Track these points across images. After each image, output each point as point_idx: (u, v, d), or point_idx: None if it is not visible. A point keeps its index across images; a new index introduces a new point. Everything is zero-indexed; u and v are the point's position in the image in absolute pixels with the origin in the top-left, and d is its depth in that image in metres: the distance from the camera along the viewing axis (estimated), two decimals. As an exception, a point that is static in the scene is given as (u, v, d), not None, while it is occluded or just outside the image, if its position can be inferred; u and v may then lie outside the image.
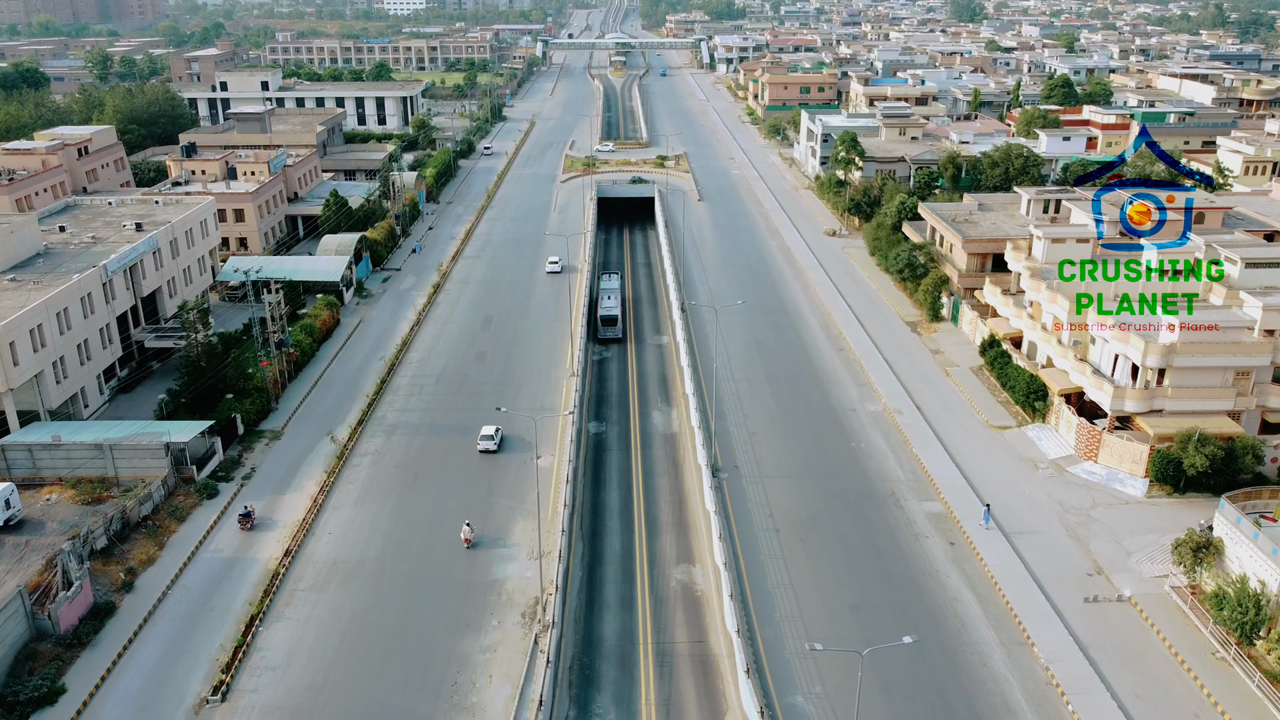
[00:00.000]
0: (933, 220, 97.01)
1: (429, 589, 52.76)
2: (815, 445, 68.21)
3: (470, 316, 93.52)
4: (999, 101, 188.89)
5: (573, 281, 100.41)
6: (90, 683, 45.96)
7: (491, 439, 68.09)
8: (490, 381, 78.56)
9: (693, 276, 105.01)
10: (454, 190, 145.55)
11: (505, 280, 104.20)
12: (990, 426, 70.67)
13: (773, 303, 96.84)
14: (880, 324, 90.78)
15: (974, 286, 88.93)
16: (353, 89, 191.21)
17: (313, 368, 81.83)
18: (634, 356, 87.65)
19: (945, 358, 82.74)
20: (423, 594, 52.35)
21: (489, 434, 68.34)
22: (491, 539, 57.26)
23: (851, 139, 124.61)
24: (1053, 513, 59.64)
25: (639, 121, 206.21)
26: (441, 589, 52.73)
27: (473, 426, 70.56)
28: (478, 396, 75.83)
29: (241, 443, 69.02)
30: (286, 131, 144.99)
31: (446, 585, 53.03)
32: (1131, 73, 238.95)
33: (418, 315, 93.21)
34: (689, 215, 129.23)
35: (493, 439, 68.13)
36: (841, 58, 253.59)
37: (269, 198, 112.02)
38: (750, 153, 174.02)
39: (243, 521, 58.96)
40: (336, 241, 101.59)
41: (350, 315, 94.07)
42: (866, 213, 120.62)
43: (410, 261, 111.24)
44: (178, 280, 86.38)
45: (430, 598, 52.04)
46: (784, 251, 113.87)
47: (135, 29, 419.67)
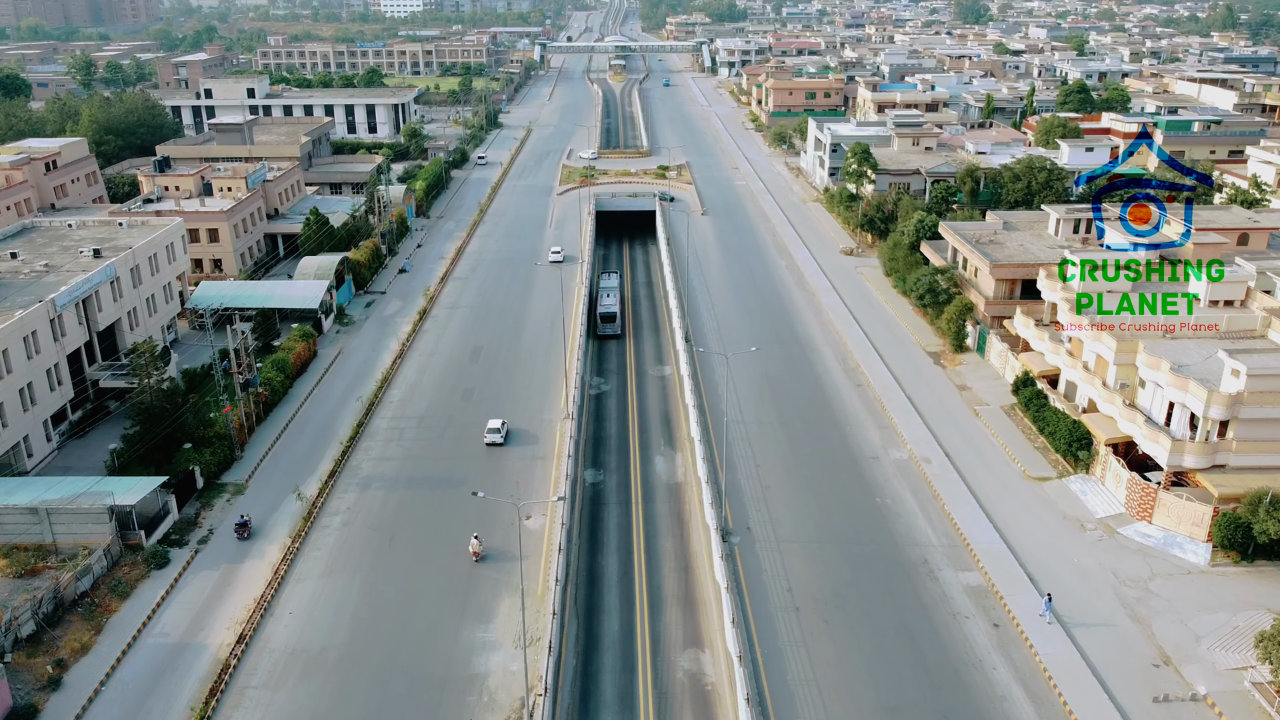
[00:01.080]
0: (954, 241, 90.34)
1: (399, 686, 45.98)
2: (836, 502, 61.45)
3: (458, 347, 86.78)
4: (1012, 108, 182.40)
5: (568, 312, 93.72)
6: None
7: (498, 432, 69.80)
8: (477, 424, 71.75)
9: (697, 301, 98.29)
10: (445, 203, 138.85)
11: (496, 305, 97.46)
12: (1028, 478, 63.91)
13: (784, 331, 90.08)
14: (900, 355, 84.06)
15: (1002, 315, 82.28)
16: (342, 96, 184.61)
17: (285, 407, 75.11)
18: (635, 389, 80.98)
19: (973, 395, 75.99)
20: (392, 693, 45.57)
21: (495, 427, 70.06)
22: (474, 617, 50.53)
23: (864, 151, 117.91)
24: (1107, 585, 52.87)
25: (639, 128, 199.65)
26: (414, 686, 45.95)
27: (455, 479, 63.98)
28: (462, 443, 69.08)
29: (200, 498, 62.29)
30: (270, 143, 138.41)
31: (420, 682, 46.24)
32: (1145, 76, 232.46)
33: (401, 346, 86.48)
34: (692, 230, 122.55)
35: (499, 432, 69.83)
36: (847, 61, 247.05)
37: (246, 215, 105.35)
38: (755, 162, 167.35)
39: (239, 530, 58.09)
40: (316, 264, 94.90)
41: (329, 345, 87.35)
42: (880, 229, 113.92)
43: (397, 283, 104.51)
44: (140, 311, 79.64)
45: (400, 697, 45.27)
46: (794, 272, 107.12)
47: (128, 32, 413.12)
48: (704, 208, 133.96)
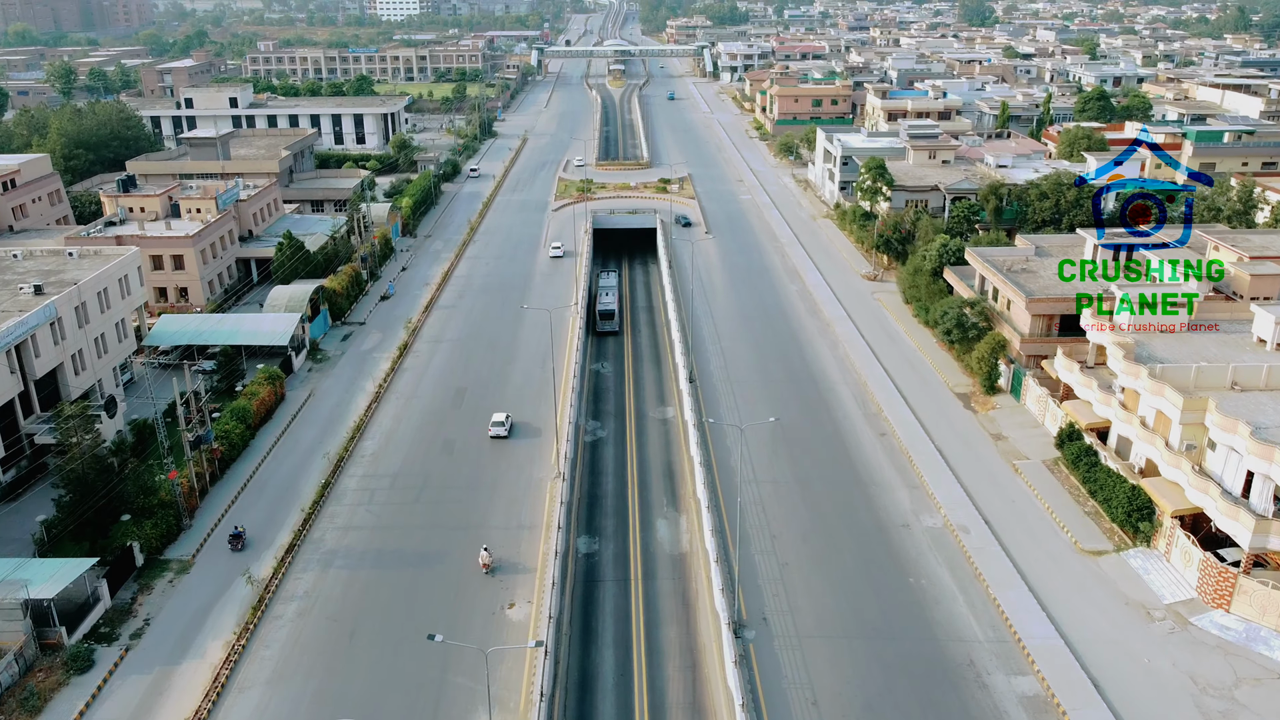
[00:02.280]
0: (982, 269, 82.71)
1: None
2: (864, 584, 53.77)
3: (440, 388, 79.12)
4: (1028, 116, 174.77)
5: (560, 353, 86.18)
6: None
7: (502, 425, 70.25)
8: (457, 484, 64.19)
9: (702, 332, 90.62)
10: (434, 221, 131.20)
11: (484, 338, 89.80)
12: (1081, 551, 56.23)
13: (797, 367, 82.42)
14: (926, 397, 76.39)
15: (1039, 354, 74.64)
16: (329, 105, 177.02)
17: (245, 462, 67.44)
18: (634, 435, 73.42)
19: (1010, 446, 68.29)
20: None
21: (499, 420, 70.77)
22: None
23: (879, 166, 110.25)
24: (1185, 695, 45.20)
25: (639, 137, 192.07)
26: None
27: (429, 553, 56.42)
28: (440, 507, 61.45)
29: (139, 578, 54.70)
30: (248, 157, 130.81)
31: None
32: (1161, 81, 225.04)
33: (378, 388, 78.81)
34: (695, 250, 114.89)
35: (503, 425, 70.26)
36: (853, 67, 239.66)
37: (216, 239, 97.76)
38: (760, 173, 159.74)
39: (233, 542, 56.77)
40: (287, 294, 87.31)
41: (300, 386, 79.70)
42: (898, 251, 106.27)
43: (378, 312, 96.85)
44: (87, 353, 71.95)
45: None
46: (806, 299, 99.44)
47: (118, 37, 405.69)
48: (708, 225, 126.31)
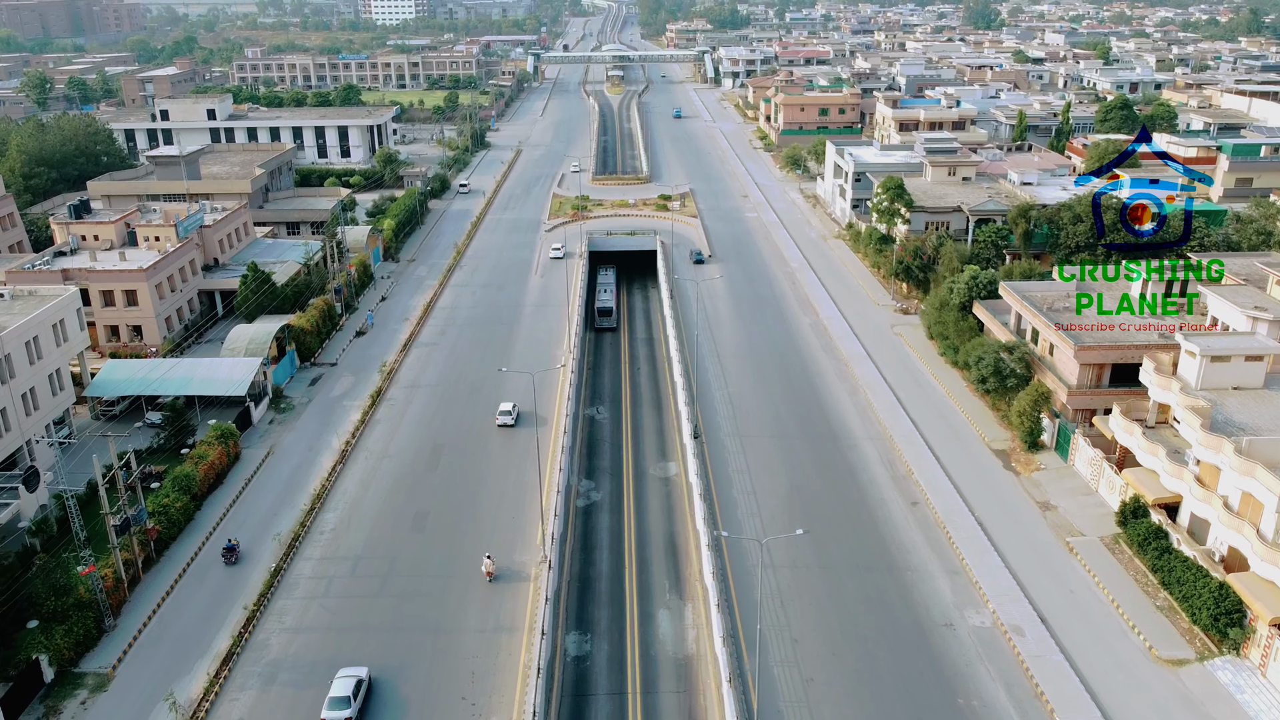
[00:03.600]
0: (1020, 307, 74.29)
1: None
2: (904, 705, 45.26)
3: (415, 445, 70.62)
4: (1046, 125, 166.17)
5: (550, 399, 77.78)
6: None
7: (509, 414, 72.14)
8: (428, 570, 55.77)
9: (707, 374, 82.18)
10: (419, 243, 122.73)
11: (467, 381, 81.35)
12: (1158, 660, 47.76)
13: (814, 418, 73.91)
14: (960, 455, 67.93)
15: (1089, 408, 66.26)
16: (313, 116, 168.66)
17: (188, 540, 59.01)
18: (632, 498, 65.13)
19: (1061, 518, 59.82)
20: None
21: (506, 409, 72.62)
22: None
23: (898, 186, 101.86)
24: None
25: (637, 148, 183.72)
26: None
27: (391, 665, 47.92)
28: (407, 602, 52.97)
29: (47, 699, 46.28)
30: (220, 175, 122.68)
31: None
32: (1180, 87, 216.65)
33: (345, 444, 70.32)
34: (699, 278, 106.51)
35: (510, 414, 72.14)
36: (860, 73, 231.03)
37: (175, 271, 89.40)
38: (766, 188, 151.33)
39: (227, 555, 55.77)
40: (249, 335, 78.90)
41: (258, 443, 71.24)
42: (918, 278, 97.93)
43: (352, 350, 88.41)
44: (13, 411, 63.51)
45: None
46: (820, 333, 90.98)
47: (106, 43, 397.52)
48: (711, 248, 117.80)
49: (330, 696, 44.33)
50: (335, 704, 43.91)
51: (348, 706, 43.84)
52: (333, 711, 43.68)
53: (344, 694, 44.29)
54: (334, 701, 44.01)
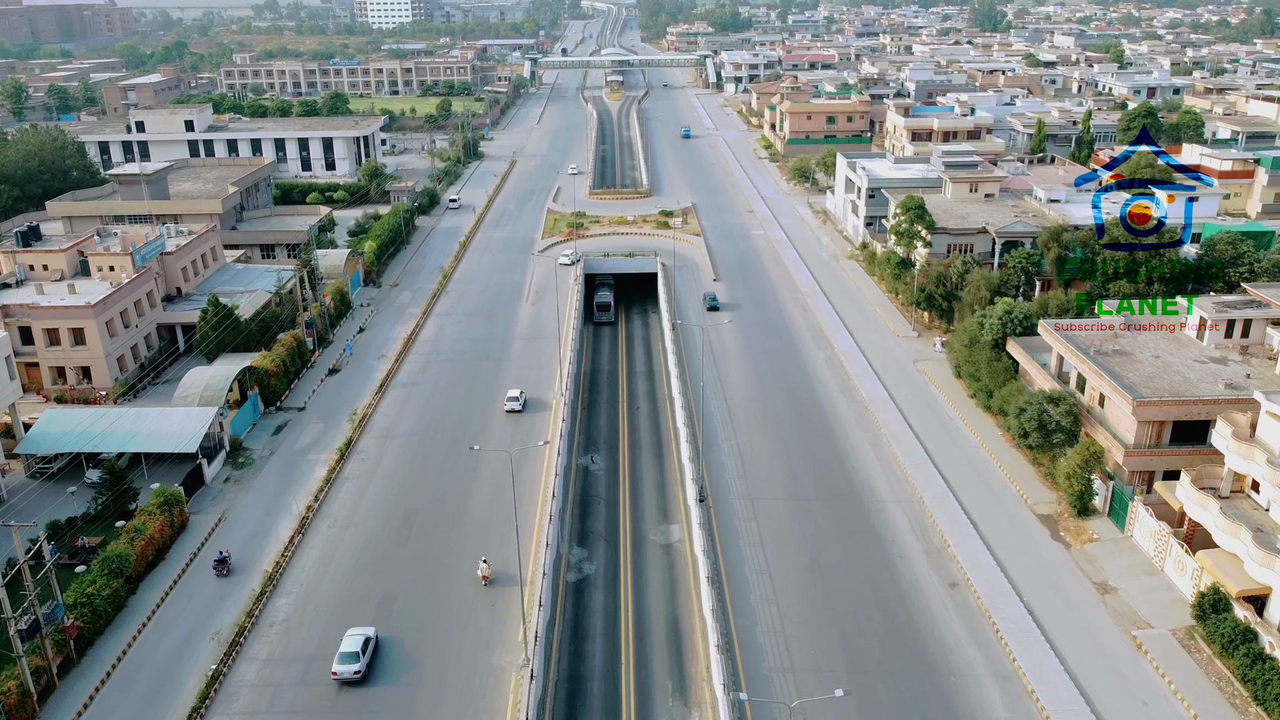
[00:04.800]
0: (1062, 349, 66.47)
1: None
2: None
3: (384, 511, 62.70)
4: (1065, 134, 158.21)
5: (536, 457, 69.93)
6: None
7: (517, 400, 74.41)
8: (392, 670, 47.88)
9: (713, 419, 74.35)
10: (403, 265, 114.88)
11: (446, 430, 73.44)
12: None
13: (834, 477, 65.96)
14: (1001, 521, 60.03)
15: (1147, 469, 58.40)
16: (296, 127, 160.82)
17: (117, 634, 51.16)
18: (630, 571, 57.42)
19: (1124, 605, 51.89)
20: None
21: (514, 395, 74.80)
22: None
23: (918, 207, 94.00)
24: None
25: (637, 158, 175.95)
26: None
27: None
28: (367, 716, 45.11)
29: None
30: (192, 194, 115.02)
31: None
32: (1200, 92, 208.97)
33: (307, 508, 62.46)
34: (709, 322, 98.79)
35: (518, 400, 74.42)
36: (867, 78, 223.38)
37: (129, 305, 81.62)
38: (772, 202, 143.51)
39: (218, 567, 54.70)
40: (204, 380, 71.04)
41: (209, 507, 63.40)
42: (942, 307, 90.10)
43: (323, 392, 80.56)
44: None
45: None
46: (837, 370, 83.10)
47: (95, 49, 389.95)
48: (716, 270, 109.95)
49: (340, 652, 47.24)
50: (345, 659, 46.83)
51: (356, 661, 46.69)
52: (343, 665, 46.61)
53: (353, 649, 47.04)
54: (344, 656, 46.94)
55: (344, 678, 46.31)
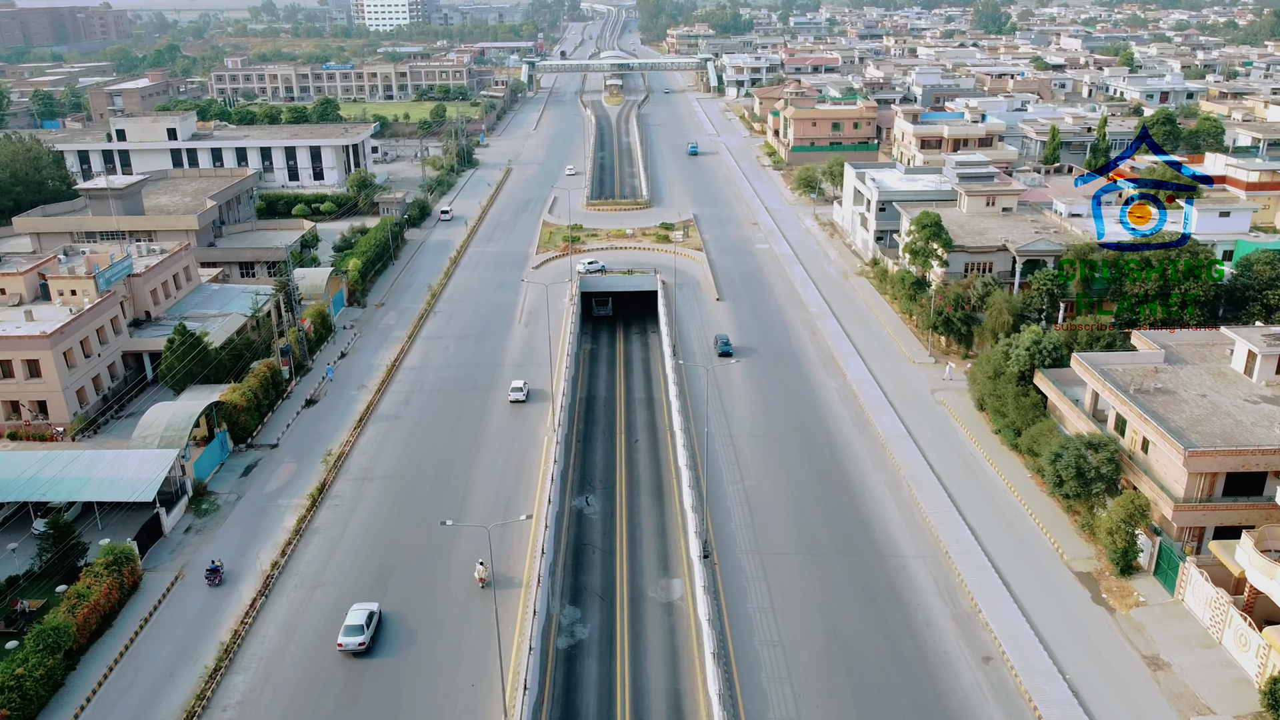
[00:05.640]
0: (1099, 385, 60.93)
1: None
2: None
3: (357, 568, 57.08)
4: (1080, 141, 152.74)
5: (528, 493, 64.43)
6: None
7: (520, 390, 75.95)
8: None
9: (718, 459, 68.76)
10: (390, 282, 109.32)
11: (429, 471, 67.83)
12: None
13: (850, 527, 60.34)
14: (1037, 581, 54.48)
15: (1198, 524, 52.85)
16: (283, 135, 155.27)
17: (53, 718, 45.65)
18: (627, 638, 51.88)
19: (1180, 684, 46.31)
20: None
21: (518, 386, 76.64)
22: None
23: (935, 224, 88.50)
24: None
25: (636, 165, 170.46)
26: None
27: None
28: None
29: None
30: (169, 207, 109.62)
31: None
32: (1214, 96, 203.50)
33: (273, 564, 56.90)
34: (706, 326, 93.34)
35: (522, 390, 75.93)
36: (872, 82, 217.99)
37: (92, 332, 76.12)
38: (777, 213, 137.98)
39: (210, 577, 54.39)
40: (166, 419, 65.51)
41: (166, 561, 57.88)
42: (960, 332, 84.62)
43: (299, 426, 75.02)
44: None
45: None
46: (849, 402, 77.51)
47: (87, 52, 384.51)
48: (719, 289, 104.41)
49: (346, 625, 49.36)
50: (350, 631, 48.96)
51: (361, 633, 48.82)
52: (348, 638, 48.69)
53: (358, 622, 49.19)
54: (349, 629, 49.05)
55: (349, 649, 48.41)
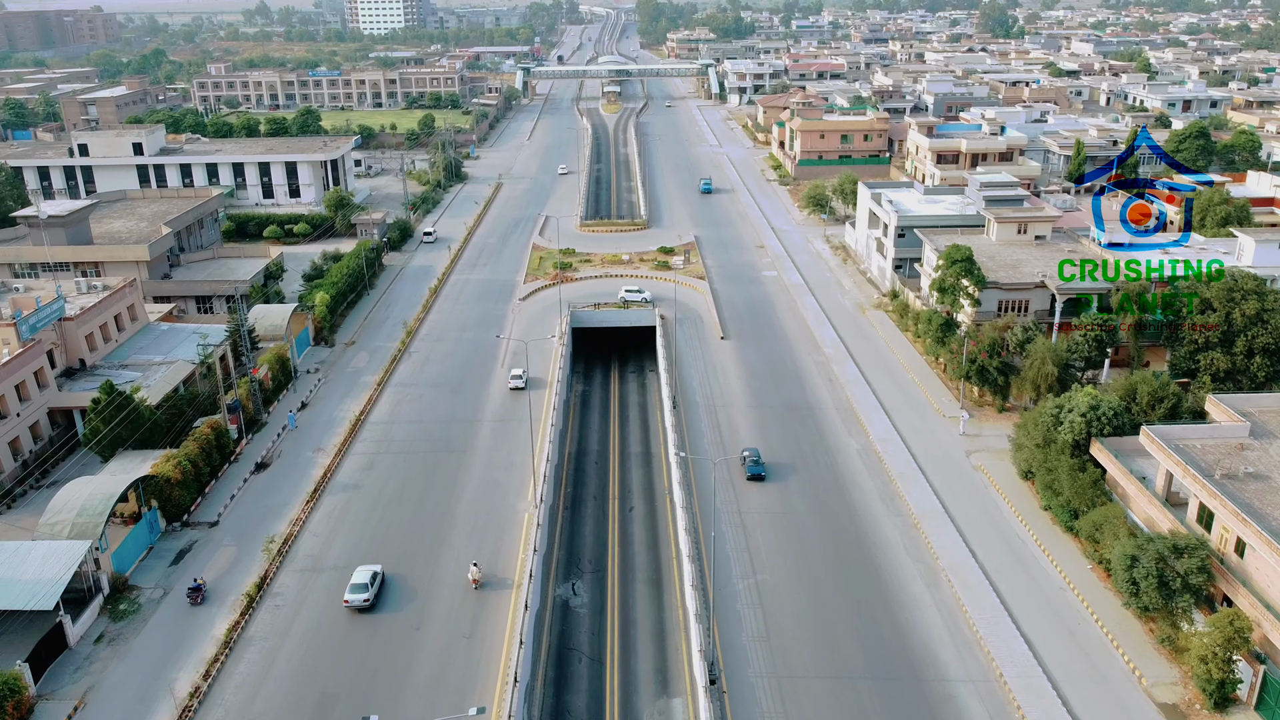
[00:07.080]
0: (1174, 466, 51.54)
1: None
2: None
3: (294, 695, 47.47)
4: (1105, 155, 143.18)
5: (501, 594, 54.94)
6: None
7: (520, 378, 78.54)
8: None
9: (725, 544, 59.21)
10: (364, 315, 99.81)
11: (389, 561, 58.16)
12: None
13: (885, 640, 50.72)
14: (1113, 716, 44.93)
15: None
16: (259, 149, 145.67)
17: None
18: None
19: None
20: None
21: (518, 374, 79.05)
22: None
23: (967, 260, 78.96)
24: None
25: (634, 180, 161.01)
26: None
27: None
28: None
29: None
30: (121, 234, 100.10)
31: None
32: (1239, 105, 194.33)
33: (193, 693, 47.25)
34: (709, 372, 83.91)
35: (521, 378, 78.51)
36: (881, 90, 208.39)
37: (10, 388, 66.57)
38: (785, 234, 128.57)
39: (192, 596, 53.11)
40: (78, 504, 55.92)
41: (67, 683, 48.35)
42: (997, 384, 75.13)
43: (244, 499, 65.44)
44: None
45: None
46: (874, 468, 67.96)
47: (71, 57, 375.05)
48: (724, 326, 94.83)
49: (351, 583, 52.90)
50: (356, 589, 52.50)
51: (365, 591, 52.41)
52: (354, 595, 52.24)
53: (363, 580, 52.87)
54: (355, 587, 52.61)
55: (355, 605, 51.82)
